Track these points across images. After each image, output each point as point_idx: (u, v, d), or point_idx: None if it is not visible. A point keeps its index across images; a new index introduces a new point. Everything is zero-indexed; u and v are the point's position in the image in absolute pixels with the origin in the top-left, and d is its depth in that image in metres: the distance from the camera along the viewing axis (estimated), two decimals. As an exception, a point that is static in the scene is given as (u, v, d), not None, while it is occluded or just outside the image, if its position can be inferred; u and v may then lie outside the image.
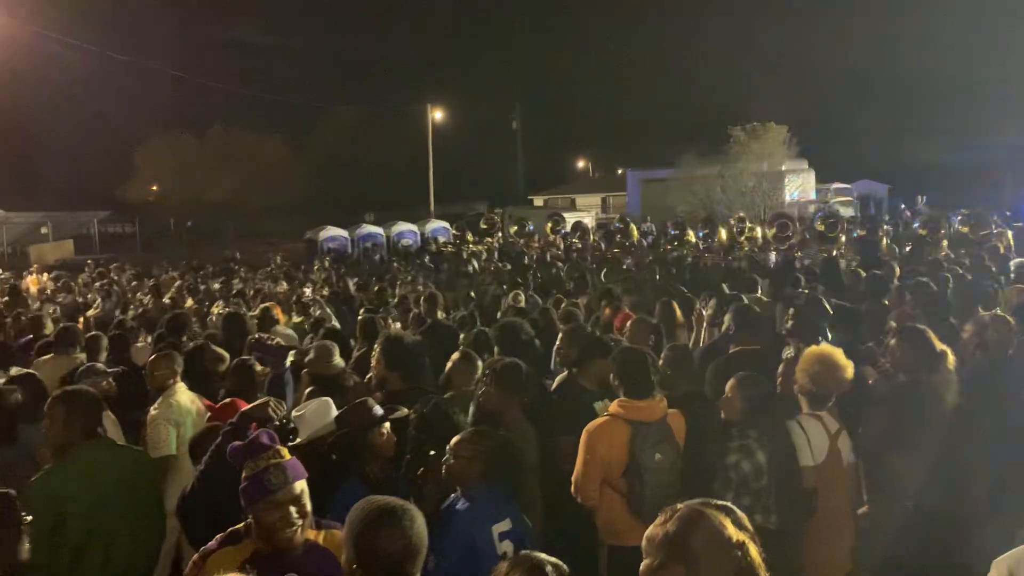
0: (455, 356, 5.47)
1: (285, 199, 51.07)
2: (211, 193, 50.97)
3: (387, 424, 3.90)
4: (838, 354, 4.36)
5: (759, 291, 8.95)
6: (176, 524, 4.12)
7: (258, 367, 6.33)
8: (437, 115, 45.74)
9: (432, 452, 3.73)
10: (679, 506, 2.24)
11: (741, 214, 21.05)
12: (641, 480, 3.94)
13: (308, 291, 12.71)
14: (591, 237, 21.61)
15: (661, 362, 4.77)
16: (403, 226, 31.01)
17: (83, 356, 7.26)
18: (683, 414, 4.32)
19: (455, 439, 3.66)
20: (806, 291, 8.52)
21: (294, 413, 4.28)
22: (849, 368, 4.33)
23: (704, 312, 6.89)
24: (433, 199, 43.77)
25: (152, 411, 5.32)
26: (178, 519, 3.77)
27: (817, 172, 36.46)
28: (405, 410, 4.09)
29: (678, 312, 7.67)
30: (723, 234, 18.97)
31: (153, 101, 53.17)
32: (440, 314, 8.69)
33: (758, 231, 18.98)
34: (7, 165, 45.05)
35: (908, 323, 5.35)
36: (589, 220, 30.34)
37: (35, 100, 48.99)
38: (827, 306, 6.31)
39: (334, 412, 4.27)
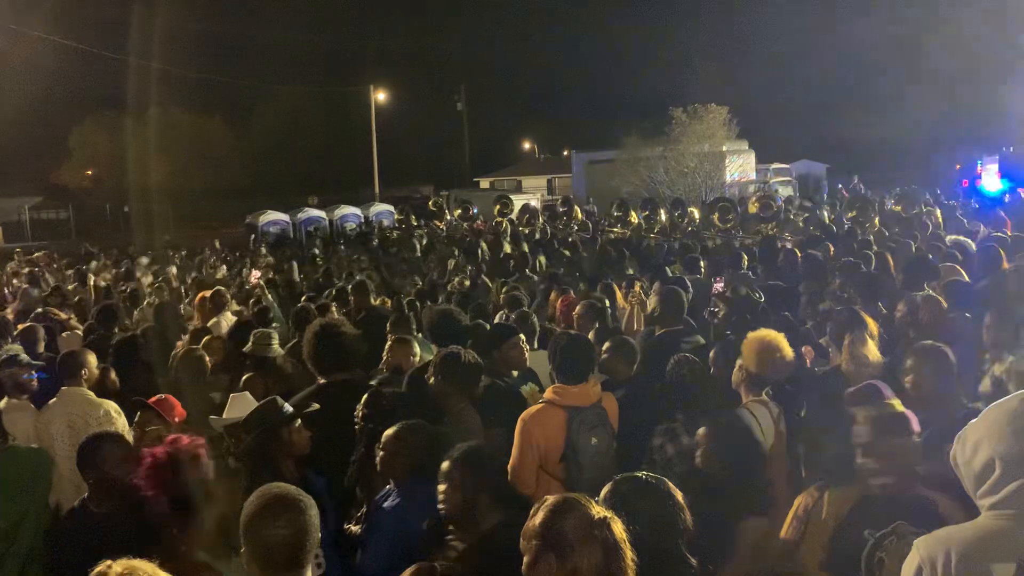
0: (390, 343, 5.39)
1: (225, 183, 49.89)
2: (148, 177, 49.56)
3: (299, 421, 3.83)
4: (780, 339, 4.42)
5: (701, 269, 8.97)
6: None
7: (207, 358, 6.15)
8: (380, 96, 45.20)
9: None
10: (547, 498, 2.33)
11: (678, 197, 21.31)
12: (578, 465, 3.91)
13: (255, 275, 12.36)
14: (539, 220, 21.61)
15: (605, 347, 4.78)
16: (347, 209, 30.53)
17: (15, 347, 6.97)
18: (616, 397, 4.33)
19: (386, 433, 3.60)
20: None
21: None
22: (790, 352, 4.40)
23: (641, 293, 6.90)
24: (378, 182, 43.29)
25: None
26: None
27: (757, 152, 37.00)
28: (316, 405, 4.02)
29: (619, 294, 7.70)
30: (663, 216, 19.18)
31: (86, 82, 51.27)
32: (374, 300, 8.61)
33: (695, 213, 19.23)
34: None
35: (840, 305, 5.44)
36: (535, 202, 30.33)
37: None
38: (753, 295, 6.39)
39: (251, 404, 4.21)
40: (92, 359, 5.27)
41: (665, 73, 49.44)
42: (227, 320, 8.26)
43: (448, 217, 25.36)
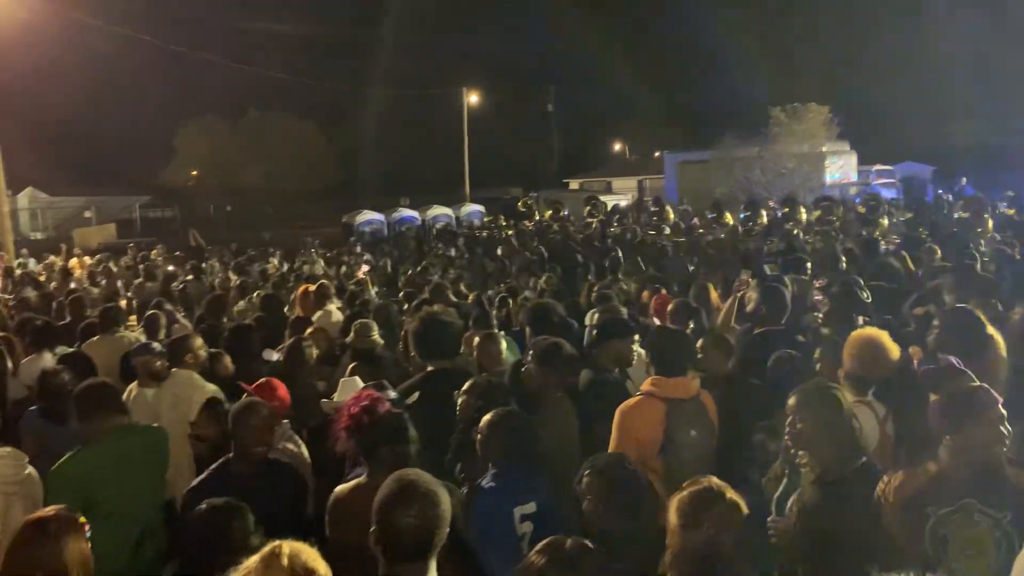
0: (478, 338, 5.46)
1: (321, 183, 51.43)
2: (248, 177, 51.53)
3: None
4: (884, 337, 4.33)
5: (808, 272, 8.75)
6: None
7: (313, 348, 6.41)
8: (472, 98, 45.75)
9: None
10: (708, 478, 2.54)
11: (789, 195, 20.81)
12: (677, 458, 3.89)
13: (363, 270, 12.76)
14: (630, 219, 21.48)
15: (700, 343, 4.74)
16: (438, 210, 31.06)
17: (129, 335, 7.41)
18: (713, 393, 4.30)
19: (483, 419, 3.68)
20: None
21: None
22: (895, 351, 4.30)
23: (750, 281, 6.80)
24: (468, 183, 43.83)
25: None
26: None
27: (859, 153, 35.77)
28: (416, 394, 4.13)
29: (714, 294, 7.62)
30: (764, 216, 18.77)
31: (192, 86, 53.73)
32: (453, 298, 8.77)
33: (804, 213, 18.71)
34: (53, 151, 45.93)
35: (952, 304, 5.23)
36: (626, 203, 30.14)
37: (79, 87, 49.85)
38: (861, 294, 6.21)
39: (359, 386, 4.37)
40: (198, 342, 5.56)
41: (761, 72, 48.20)
42: (328, 313, 8.54)
43: (537, 217, 25.45)
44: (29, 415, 5.13)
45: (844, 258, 9.27)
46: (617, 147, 67.07)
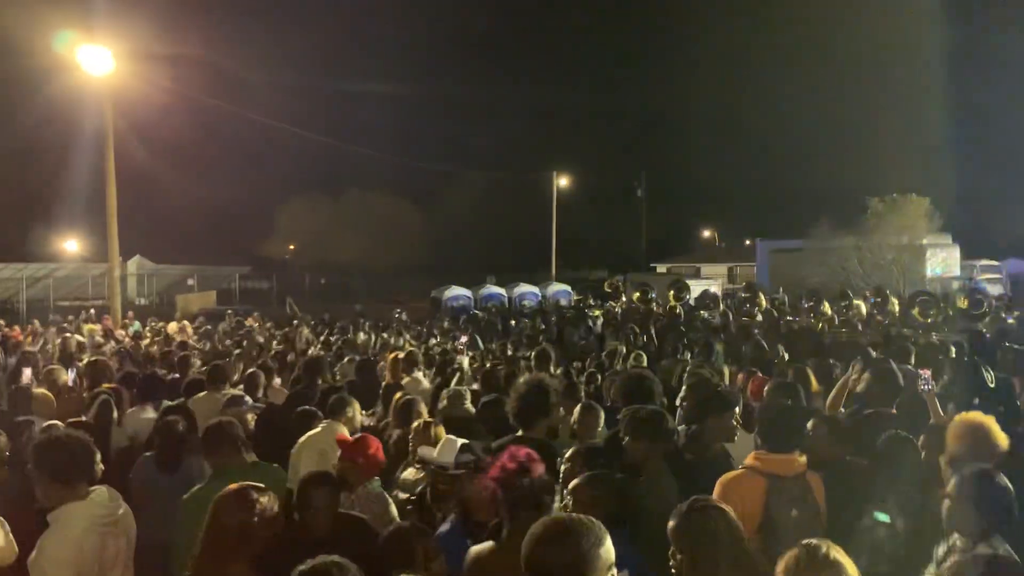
0: (578, 408, 5.42)
1: (414, 260, 52.72)
2: (344, 253, 53.24)
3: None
4: (991, 422, 4.16)
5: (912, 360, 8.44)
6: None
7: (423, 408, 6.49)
8: (562, 182, 46.56)
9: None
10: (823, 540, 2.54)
11: (879, 285, 20.21)
12: (776, 537, 3.68)
13: (462, 340, 12.98)
14: (720, 305, 21.15)
15: (811, 424, 4.58)
16: (526, 288, 31.28)
17: (233, 392, 7.65)
18: (822, 475, 4.11)
19: (573, 483, 3.61)
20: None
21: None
22: (1003, 439, 4.11)
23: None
24: (555, 264, 44.21)
25: None
26: None
27: (962, 247, 34.53)
28: None
29: (812, 378, 7.39)
30: (862, 308, 18.25)
31: (293, 164, 56.56)
32: (552, 369, 8.76)
33: (896, 304, 18.13)
34: (161, 221, 48.68)
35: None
36: (715, 288, 29.76)
37: (188, 162, 53.13)
38: (986, 376, 5.94)
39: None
40: (357, 406, 6.00)
41: (856, 161, 47.59)
42: (416, 380, 8.67)
43: (623, 299, 25.34)
44: (144, 461, 5.36)
45: (954, 349, 8.89)
46: (707, 233, 66.80)
